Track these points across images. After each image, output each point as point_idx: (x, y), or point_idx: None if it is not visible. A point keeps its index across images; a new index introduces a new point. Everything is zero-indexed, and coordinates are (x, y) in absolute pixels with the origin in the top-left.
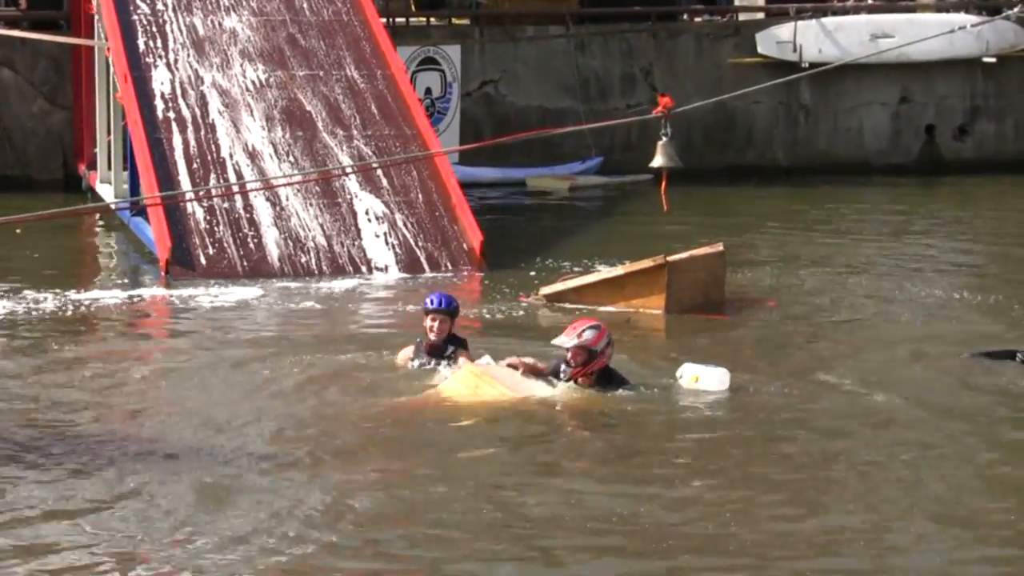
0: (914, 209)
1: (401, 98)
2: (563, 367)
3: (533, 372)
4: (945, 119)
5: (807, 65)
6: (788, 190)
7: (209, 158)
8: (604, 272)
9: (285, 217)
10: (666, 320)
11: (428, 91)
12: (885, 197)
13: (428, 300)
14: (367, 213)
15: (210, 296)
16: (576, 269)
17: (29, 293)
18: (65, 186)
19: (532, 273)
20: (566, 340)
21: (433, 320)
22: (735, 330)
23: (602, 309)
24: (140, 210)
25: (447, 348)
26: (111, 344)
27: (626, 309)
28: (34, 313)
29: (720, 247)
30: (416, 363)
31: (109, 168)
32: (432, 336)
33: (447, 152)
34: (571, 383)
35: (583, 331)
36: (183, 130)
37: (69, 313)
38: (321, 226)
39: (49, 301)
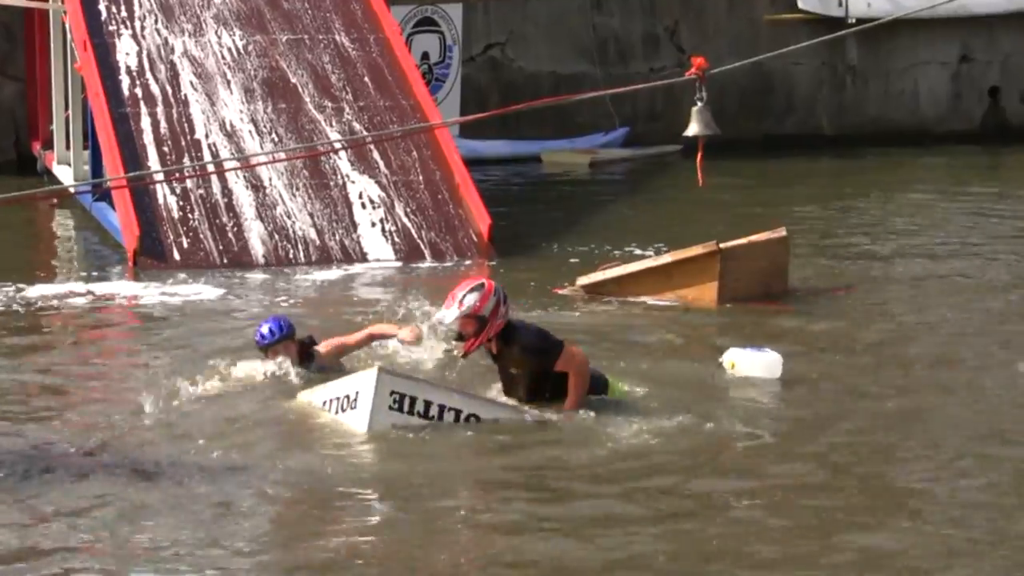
0: (979, 181)
1: (397, 65)
2: (454, 343)
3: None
4: (1011, 80)
5: (854, 21)
6: (835, 162)
7: (182, 139)
8: (649, 260)
9: (269, 203)
10: (720, 312)
11: (425, 56)
12: (945, 168)
13: (259, 336)
14: (361, 197)
15: (183, 290)
16: (617, 254)
17: None
18: (19, 168)
19: (550, 262)
20: (447, 314)
21: (274, 354)
22: (800, 322)
23: (648, 301)
24: (103, 194)
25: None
26: (72, 343)
27: (674, 302)
28: None
29: (783, 232)
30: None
31: (67, 147)
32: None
33: (451, 124)
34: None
35: (463, 297)
36: (152, 105)
37: (22, 309)
38: (310, 214)
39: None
